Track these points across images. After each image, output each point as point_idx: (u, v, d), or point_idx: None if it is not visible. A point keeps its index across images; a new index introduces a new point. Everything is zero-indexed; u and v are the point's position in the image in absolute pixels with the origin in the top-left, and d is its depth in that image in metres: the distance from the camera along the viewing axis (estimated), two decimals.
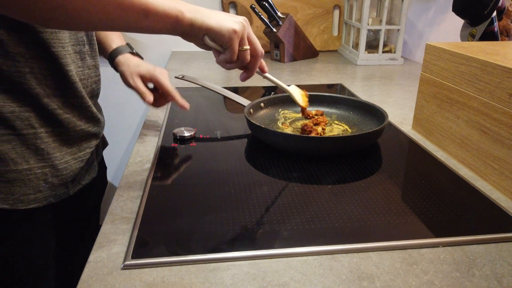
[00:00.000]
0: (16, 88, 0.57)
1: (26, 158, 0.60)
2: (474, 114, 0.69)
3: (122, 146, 1.81)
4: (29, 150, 0.60)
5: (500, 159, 0.63)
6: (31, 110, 0.59)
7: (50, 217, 0.68)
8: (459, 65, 0.72)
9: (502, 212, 0.58)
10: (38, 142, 0.60)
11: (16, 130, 0.58)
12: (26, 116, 0.58)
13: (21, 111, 0.58)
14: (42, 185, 0.63)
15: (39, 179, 0.62)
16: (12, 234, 0.64)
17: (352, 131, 0.84)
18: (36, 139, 0.60)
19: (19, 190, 0.60)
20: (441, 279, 0.45)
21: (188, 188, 0.63)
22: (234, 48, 0.57)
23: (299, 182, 0.65)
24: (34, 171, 0.61)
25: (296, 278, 0.45)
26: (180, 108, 0.80)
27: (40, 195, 0.63)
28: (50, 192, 0.64)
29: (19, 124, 0.58)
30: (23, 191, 0.61)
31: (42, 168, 0.62)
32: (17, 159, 0.59)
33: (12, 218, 0.62)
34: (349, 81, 1.28)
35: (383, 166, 0.71)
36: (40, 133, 0.60)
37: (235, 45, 0.56)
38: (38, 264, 0.69)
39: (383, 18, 1.49)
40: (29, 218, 0.64)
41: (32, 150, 0.60)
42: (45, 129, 0.61)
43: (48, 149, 0.62)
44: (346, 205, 0.58)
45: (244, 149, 0.78)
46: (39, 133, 0.60)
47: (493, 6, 1.10)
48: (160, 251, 0.49)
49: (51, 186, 0.64)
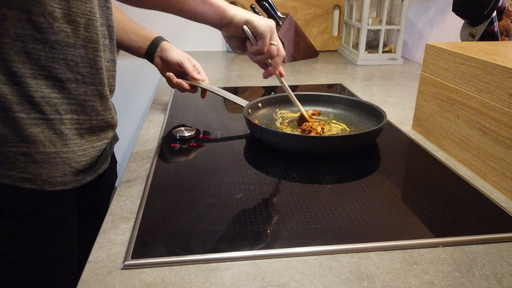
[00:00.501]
0: (49, 74, 0.60)
1: (53, 142, 0.63)
2: (474, 114, 0.69)
3: (122, 146, 1.81)
4: (56, 134, 0.63)
5: (500, 159, 0.63)
6: (59, 97, 0.62)
7: (72, 202, 0.71)
8: (459, 65, 0.72)
9: (502, 212, 0.58)
10: (62, 128, 0.63)
11: (45, 115, 0.61)
12: (54, 102, 0.61)
13: (50, 96, 0.61)
14: (67, 169, 0.65)
15: (64, 163, 0.65)
16: (38, 216, 0.66)
17: (350, 130, 0.84)
18: (61, 124, 0.63)
19: (47, 172, 0.63)
20: (441, 279, 0.45)
21: (188, 188, 0.63)
22: (267, 40, 0.71)
23: (298, 181, 0.65)
24: (60, 155, 0.64)
25: (296, 278, 0.45)
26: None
27: (65, 178, 0.66)
28: (73, 176, 0.67)
29: (48, 109, 0.61)
30: (50, 173, 0.64)
31: (67, 153, 0.65)
32: (46, 142, 0.62)
33: (38, 200, 0.65)
34: (349, 81, 1.28)
35: (383, 166, 0.71)
36: (65, 119, 0.63)
37: (267, 38, 0.70)
38: (62, 248, 0.71)
39: (383, 18, 1.49)
40: (54, 201, 0.67)
41: (58, 135, 0.63)
42: (70, 115, 0.64)
43: (71, 135, 0.65)
44: (346, 205, 0.58)
45: (244, 149, 0.78)
46: (64, 119, 0.63)
47: (493, 6, 1.10)
48: (160, 251, 0.49)
49: (74, 171, 0.67)
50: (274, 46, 0.72)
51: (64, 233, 0.72)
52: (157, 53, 0.93)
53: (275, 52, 0.73)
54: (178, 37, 1.69)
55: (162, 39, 0.95)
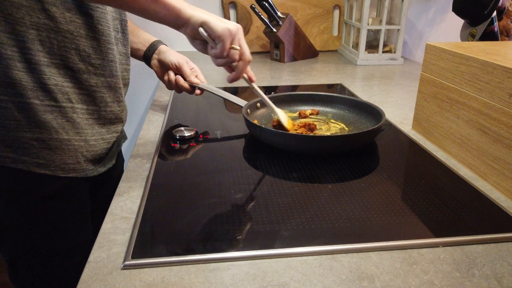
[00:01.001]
0: (61, 63, 0.62)
1: (66, 129, 0.65)
2: (474, 114, 0.69)
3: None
4: (68, 122, 0.65)
5: (500, 159, 0.63)
6: (71, 86, 0.64)
7: (85, 191, 0.74)
8: (459, 65, 0.72)
9: (502, 212, 0.58)
10: (74, 116, 0.66)
11: (58, 102, 0.63)
12: (66, 91, 0.64)
13: (63, 85, 0.63)
14: (79, 156, 0.68)
15: (77, 151, 0.67)
16: (53, 201, 0.68)
17: (349, 130, 0.84)
18: (73, 113, 0.65)
19: (60, 158, 0.66)
20: (441, 279, 0.45)
21: (188, 188, 0.63)
22: (225, 44, 0.64)
23: (298, 181, 0.65)
24: (72, 142, 0.66)
25: (296, 278, 0.45)
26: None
27: (78, 166, 0.68)
28: (85, 165, 0.70)
29: (60, 97, 0.63)
30: (63, 160, 0.66)
31: (79, 141, 0.67)
32: (59, 129, 0.64)
33: (52, 185, 0.67)
34: (349, 81, 1.28)
35: (383, 166, 0.71)
36: (77, 108, 0.66)
37: (226, 42, 0.64)
38: (77, 236, 0.73)
39: (383, 18, 1.49)
40: (68, 188, 0.69)
41: (70, 122, 0.65)
42: (81, 105, 0.66)
43: (82, 124, 0.67)
44: (346, 205, 0.58)
45: (244, 149, 0.78)
46: (76, 108, 0.66)
47: (493, 6, 1.10)
48: (160, 251, 0.49)
49: (86, 159, 0.69)
50: (236, 50, 0.66)
51: (78, 221, 0.74)
52: (154, 56, 0.93)
53: (236, 57, 0.67)
54: (175, 37, 1.69)
55: (160, 43, 0.95)
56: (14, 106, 0.60)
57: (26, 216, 0.67)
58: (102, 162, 0.74)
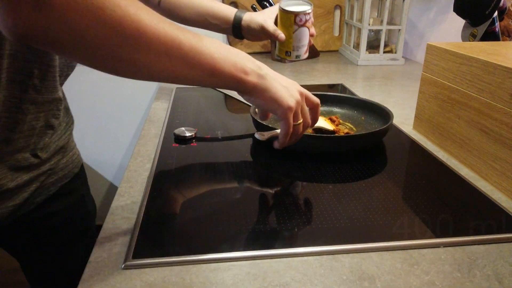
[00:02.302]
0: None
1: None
2: (475, 114, 0.69)
3: (123, 146, 1.81)
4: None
5: (501, 159, 0.63)
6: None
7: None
8: (460, 65, 0.72)
9: (503, 213, 0.58)
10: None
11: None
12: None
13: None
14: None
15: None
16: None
17: (357, 130, 0.84)
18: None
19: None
20: (442, 280, 0.45)
21: (189, 188, 0.63)
22: (289, 120, 0.58)
23: (299, 181, 0.65)
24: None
25: (297, 278, 0.45)
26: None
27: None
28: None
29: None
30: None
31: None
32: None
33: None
34: (350, 81, 1.28)
35: (384, 166, 0.71)
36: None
37: (290, 119, 0.58)
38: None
39: (384, 18, 1.49)
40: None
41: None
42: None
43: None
44: (347, 205, 0.58)
45: (245, 149, 0.78)
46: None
47: (494, 6, 1.10)
48: (161, 251, 0.49)
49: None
50: (300, 124, 0.60)
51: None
52: (243, 32, 0.91)
53: (300, 130, 0.61)
54: None
55: (240, 15, 0.90)
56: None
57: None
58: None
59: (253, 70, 0.54)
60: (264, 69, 0.56)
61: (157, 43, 0.44)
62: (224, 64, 0.50)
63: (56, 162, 0.68)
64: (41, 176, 0.65)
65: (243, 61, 0.53)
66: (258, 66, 0.55)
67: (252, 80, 0.54)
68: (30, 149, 0.62)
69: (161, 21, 0.44)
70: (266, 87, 0.55)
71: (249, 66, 0.54)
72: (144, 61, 0.44)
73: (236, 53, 0.53)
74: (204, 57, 0.48)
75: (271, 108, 0.57)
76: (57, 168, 0.69)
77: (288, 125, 0.59)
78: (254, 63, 0.55)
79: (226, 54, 0.51)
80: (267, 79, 0.56)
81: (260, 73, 0.55)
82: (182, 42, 0.46)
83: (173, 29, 0.45)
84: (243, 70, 0.53)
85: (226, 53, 0.51)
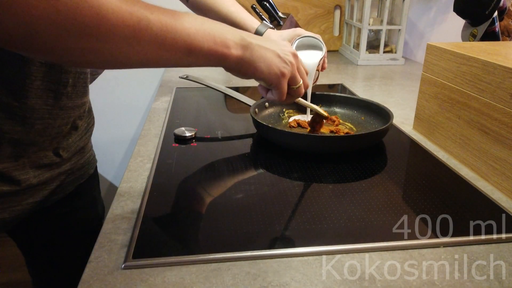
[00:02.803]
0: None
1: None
2: (475, 114, 0.69)
3: (123, 146, 1.81)
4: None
5: (501, 159, 0.63)
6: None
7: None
8: (460, 65, 0.72)
9: (503, 213, 0.57)
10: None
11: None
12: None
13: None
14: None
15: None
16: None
17: (357, 130, 0.84)
18: None
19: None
20: (442, 280, 0.45)
21: (189, 188, 0.63)
22: (283, 89, 0.56)
23: (299, 181, 0.65)
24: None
25: (297, 278, 0.45)
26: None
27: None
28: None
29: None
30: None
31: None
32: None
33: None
34: (350, 81, 1.28)
35: (384, 166, 0.71)
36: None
37: (283, 87, 0.56)
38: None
39: (384, 18, 1.49)
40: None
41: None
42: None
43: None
44: (347, 205, 0.58)
45: (245, 149, 0.78)
46: None
47: (494, 6, 1.10)
48: (161, 251, 0.49)
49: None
50: (300, 87, 0.59)
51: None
52: None
53: (301, 92, 0.60)
54: None
55: (260, 30, 0.87)
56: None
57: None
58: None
59: (235, 42, 0.49)
60: (248, 38, 0.51)
61: (122, 27, 0.39)
62: (202, 40, 0.46)
63: (76, 162, 0.70)
64: (61, 175, 0.66)
65: (224, 34, 0.48)
66: (241, 36, 0.51)
67: (235, 54, 0.49)
68: (53, 148, 0.63)
69: (124, 1, 0.39)
70: (253, 58, 0.51)
71: (230, 39, 0.49)
72: (110, 49, 0.40)
73: (215, 27, 0.48)
74: (178, 36, 0.44)
75: (263, 78, 0.54)
76: (75, 168, 0.70)
77: (281, 93, 0.56)
78: (235, 34, 0.50)
79: (204, 28, 0.46)
80: (253, 49, 0.51)
81: (243, 44, 0.50)
82: (151, 22, 0.41)
83: (139, 8, 0.40)
84: (224, 43, 0.48)
85: (203, 28, 0.46)
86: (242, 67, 0.52)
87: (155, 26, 0.41)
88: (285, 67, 0.54)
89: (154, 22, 0.41)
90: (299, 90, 0.58)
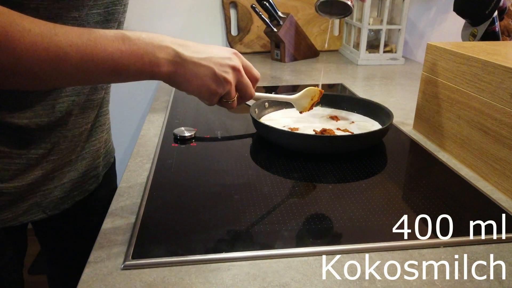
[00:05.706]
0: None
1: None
2: (475, 114, 0.69)
3: (123, 146, 1.81)
4: None
5: (501, 159, 0.63)
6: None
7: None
8: (460, 65, 0.72)
9: (503, 212, 0.57)
10: None
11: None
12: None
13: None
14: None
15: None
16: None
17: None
18: None
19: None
20: (442, 280, 0.45)
21: (188, 188, 0.63)
22: (214, 103, 0.57)
23: (299, 181, 0.65)
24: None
25: (297, 278, 0.45)
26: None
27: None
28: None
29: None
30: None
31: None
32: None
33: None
34: (350, 81, 1.28)
35: (384, 166, 0.71)
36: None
37: (214, 102, 0.57)
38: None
39: (384, 18, 1.49)
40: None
41: None
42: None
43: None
44: (347, 205, 0.58)
45: (245, 149, 0.78)
46: None
47: (494, 6, 1.10)
48: (161, 251, 0.48)
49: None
50: (233, 101, 0.60)
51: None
52: None
53: (234, 106, 0.61)
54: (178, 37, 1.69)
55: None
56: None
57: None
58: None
59: (167, 60, 0.49)
60: (185, 53, 0.50)
61: (39, 65, 0.39)
62: (129, 62, 0.45)
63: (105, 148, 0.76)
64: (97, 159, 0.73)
65: (154, 53, 0.48)
66: (175, 52, 0.50)
67: (165, 71, 0.49)
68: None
69: (40, 35, 0.39)
70: (185, 75, 0.51)
71: (161, 57, 0.48)
72: (35, 82, 0.42)
73: (144, 45, 0.47)
74: (101, 62, 0.43)
75: (194, 95, 0.54)
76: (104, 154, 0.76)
77: (211, 105, 0.58)
78: (169, 51, 0.49)
79: (131, 49, 0.45)
80: (186, 67, 0.51)
81: (176, 61, 0.50)
82: (68, 54, 0.41)
83: (55, 39, 0.40)
84: (154, 63, 0.48)
85: (130, 49, 0.45)
86: (174, 82, 0.52)
87: (74, 58, 0.41)
88: (218, 86, 0.54)
89: (72, 54, 0.41)
90: (231, 104, 0.59)
